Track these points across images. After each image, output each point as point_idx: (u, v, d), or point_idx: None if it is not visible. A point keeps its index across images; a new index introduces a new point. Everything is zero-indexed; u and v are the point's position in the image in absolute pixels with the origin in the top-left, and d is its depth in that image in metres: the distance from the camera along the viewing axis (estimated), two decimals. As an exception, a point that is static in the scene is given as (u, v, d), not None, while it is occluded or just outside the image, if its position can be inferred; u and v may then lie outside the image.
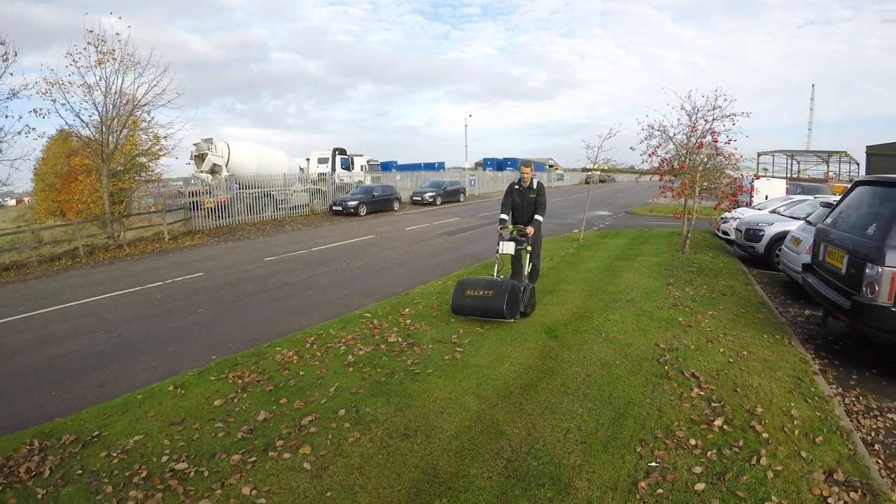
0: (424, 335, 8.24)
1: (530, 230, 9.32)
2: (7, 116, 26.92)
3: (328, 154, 38.32)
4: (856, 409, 5.82)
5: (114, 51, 22.95)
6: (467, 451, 4.62)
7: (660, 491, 3.95)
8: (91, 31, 22.62)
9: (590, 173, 42.11)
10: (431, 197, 38.90)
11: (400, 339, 8.07)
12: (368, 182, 38.76)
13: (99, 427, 5.95)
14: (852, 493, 3.99)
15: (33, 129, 23.05)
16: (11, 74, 38.70)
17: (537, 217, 9.56)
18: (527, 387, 5.92)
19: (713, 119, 15.03)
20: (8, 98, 21.42)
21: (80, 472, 4.98)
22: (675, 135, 15.95)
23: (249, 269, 16.01)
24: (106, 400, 6.81)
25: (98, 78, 23.00)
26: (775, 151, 51.00)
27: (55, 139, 31.20)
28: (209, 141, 30.04)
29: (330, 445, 4.95)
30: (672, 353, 6.85)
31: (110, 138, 23.68)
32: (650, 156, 16.12)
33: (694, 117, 15.39)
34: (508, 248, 9.04)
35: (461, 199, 42.87)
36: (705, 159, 15.68)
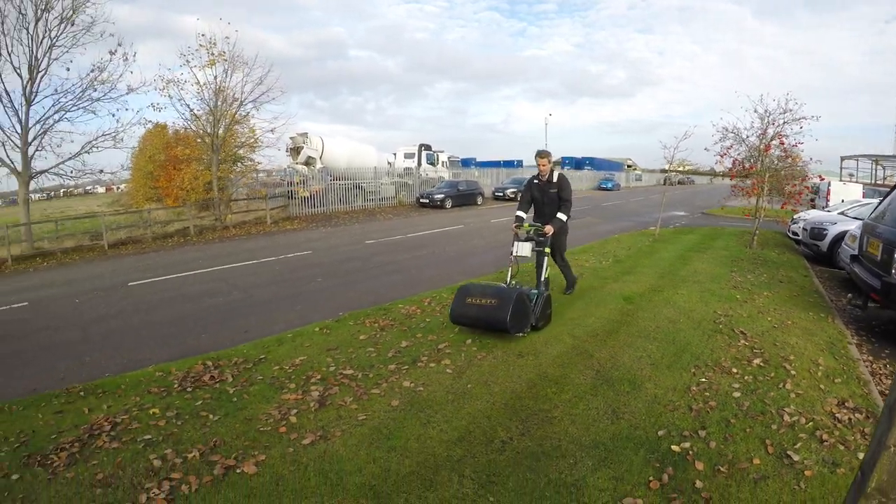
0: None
1: (549, 229, 7.86)
2: (126, 110, 29.04)
3: (414, 149, 39.30)
4: (881, 371, 6.34)
5: (223, 52, 24.71)
6: (567, 364, 5.93)
7: (706, 393, 5.12)
8: (203, 35, 24.63)
9: (668, 174, 41.55)
10: (513, 193, 39.34)
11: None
12: (448, 177, 39.48)
13: (262, 353, 7.04)
14: (857, 414, 4.77)
15: (150, 121, 25.00)
16: (131, 73, 41.47)
17: (559, 215, 8.13)
18: (609, 332, 7.09)
19: (783, 122, 15.18)
20: (126, 93, 23.93)
21: (260, 377, 6.16)
22: (747, 137, 16.13)
23: (353, 250, 16.96)
24: (253, 340, 7.78)
25: (211, 76, 24.89)
26: (859, 156, 48.96)
27: (151, 132, 33.09)
28: (304, 135, 31.26)
29: (463, 360, 6.25)
30: (727, 318, 7.72)
31: (220, 131, 25.44)
32: (722, 157, 16.34)
33: (766, 120, 15.52)
34: (524, 249, 7.67)
35: (540, 196, 42.83)
36: (775, 161, 15.81)
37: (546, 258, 7.90)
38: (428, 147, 39.91)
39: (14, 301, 12.23)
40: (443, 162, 41.36)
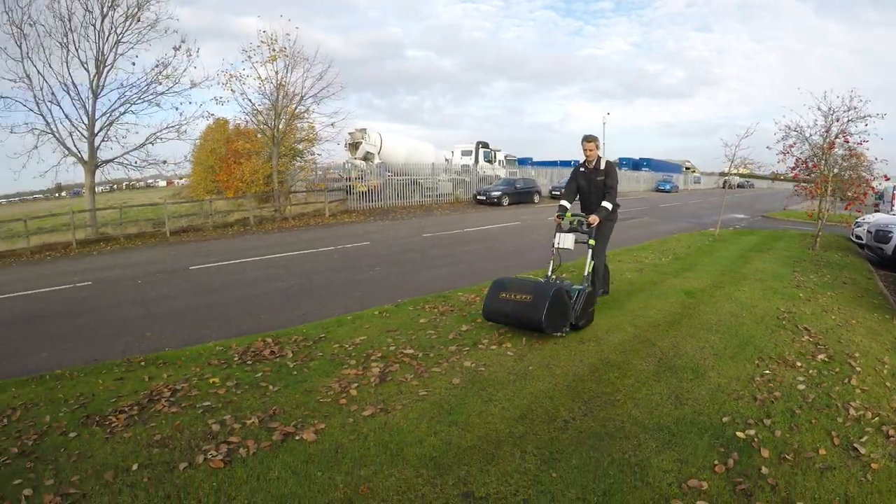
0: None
1: (594, 219, 7.09)
2: (190, 103, 30.13)
3: (471, 147, 39.08)
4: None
5: (284, 49, 25.09)
6: (629, 351, 5.80)
7: (770, 384, 4.96)
8: (264, 32, 25.16)
9: (727, 177, 40.36)
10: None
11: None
12: (505, 175, 39.15)
13: (322, 332, 6.97)
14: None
15: (212, 114, 25.52)
16: (195, 68, 42.92)
17: (605, 204, 7.33)
18: (670, 323, 6.87)
19: (847, 120, 14.49)
20: (189, 88, 24.57)
21: (320, 354, 6.12)
22: (810, 136, 15.49)
23: (411, 242, 16.90)
24: (312, 322, 7.72)
25: (272, 72, 25.29)
26: (927, 159, 46.93)
27: (212, 127, 33.92)
28: (363, 131, 31.43)
29: (524, 344, 6.11)
30: (790, 315, 7.42)
31: (280, 125, 25.89)
32: (784, 155, 15.72)
33: (829, 118, 14.87)
34: (566, 241, 7.10)
35: (598, 197, 42.26)
36: (839, 160, 15.16)
37: (591, 251, 7.19)
38: (485, 145, 39.67)
39: (78, 280, 12.53)
40: (499, 160, 41.08)
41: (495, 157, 39.93)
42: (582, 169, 7.66)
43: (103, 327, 8.31)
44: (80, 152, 22.93)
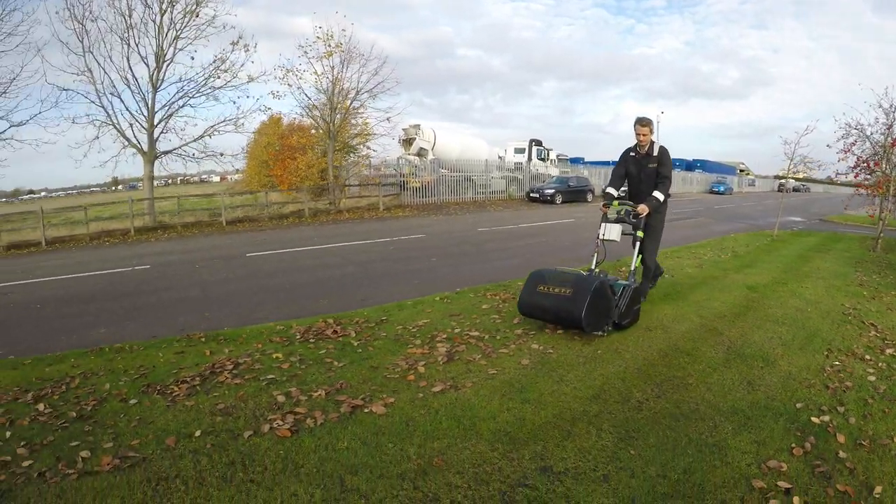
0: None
1: (642, 209, 6.46)
2: (247, 97, 30.69)
3: (524, 144, 38.64)
4: None
5: (340, 44, 25.25)
6: (697, 339, 5.67)
7: (841, 374, 4.83)
8: (320, 27, 25.93)
9: (782, 180, 39.09)
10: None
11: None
12: (557, 174, 38.62)
13: (384, 316, 6.77)
14: None
15: (269, 108, 25.88)
16: (252, 62, 43.61)
17: (656, 193, 6.63)
18: (736, 314, 6.71)
19: None
20: (247, 82, 25.31)
21: (383, 334, 5.92)
22: (871, 133, 14.77)
23: (466, 236, 16.67)
24: (371, 307, 7.51)
25: (328, 66, 25.51)
26: None
27: (265, 124, 34.39)
28: (417, 126, 31.35)
29: None
30: (855, 311, 7.20)
31: (336, 119, 26.05)
32: (845, 153, 15.03)
33: (892, 115, 14.15)
34: (612, 232, 6.51)
35: (649, 197, 41.52)
36: None
37: (638, 244, 6.58)
38: (539, 143, 39.20)
39: (137, 264, 12.74)
40: (552, 159, 40.59)
41: (548, 155, 39.45)
42: (632, 154, 6.93)
43: (162, 307, 8.29)
44: (139, 143, 23.51)
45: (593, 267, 6.37)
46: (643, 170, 6.85)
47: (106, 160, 24.75)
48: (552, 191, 31.91)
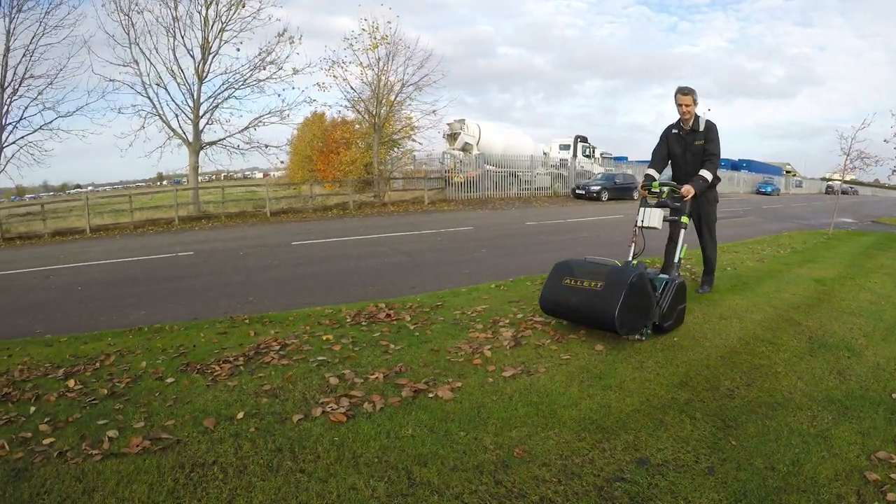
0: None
1: (687, 190, 5.54)
2: (293, 88, 30.82)
3: (570, 141, 37.99)
4: None
5: (386, 36, 25.15)
6: (775, 329, 5.17)
7: None
8: (365, 20, 25.91)
9: (830, 182, 38.03)
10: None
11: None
12: (601, 171, 37.90)
13: (439, 301, 6.31)
14: None
15: (314, 100, 25.94)
16: (297, 54, 43.97)
17: (703, 173, 5.70)
18: (809, 306, 6.20)
19: None
20: (292, 74, 24.78)
21: (441, 319, 5.47)
22: None
23: (514, 229, 16.23)
24: (423, 293, 7.09)
25: (374, 59, 25.40)
26: None
27: (308, 120, 34.46)
28: (461, 121, 31.00)
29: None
30: None
31: (382, 111, 25.93)
32: None
33: None
34: (653, 218, 5.48)
35: (695, 196, 40.53)
36: None
37: (683, 232, 5.60)
38: (584, 139, 38.47)
39: (180, 250, 12.62)
40: (596, 157, 39.89)
41: (593, 152, 38.73)
42: (675, 131, 6.03)
43: (204, 291, 8.02)
44: (184, 134, 23.68)
45: (630, 259, 5.40)
46: (688, 148, 5.94)
47: (151, 150, 25.08)
48: (598, 188, 31.23)
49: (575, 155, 36.54)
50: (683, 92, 5.75)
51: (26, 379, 4.05)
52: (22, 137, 22.29)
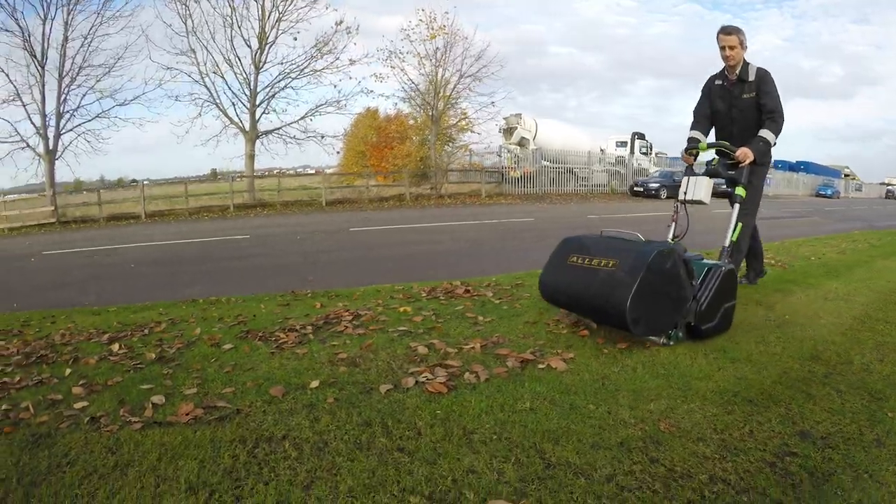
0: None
1: (744, 152, 4.20)
2: (350, 78, 30.98)
3: (626, 138, 37.11)
4: None
5: (444, 27, 24.83)
6: (885, 310, 4.59)
7: None
8: (423, 10, 25.06)
9: (890, 187, 36.44)
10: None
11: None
12: (655, 169, 36.94)
13: (518, 281, 5.76)
14: None
15: (371, 90, 25.97)
16: (354, 44, 44.17)
17: (764, 133, 4.33)
18: None
19: None
20: (349, 65, 24.73)
21: (526, 295, 4.98)
22: None
23: (576, 222, 15.66)
24: (495, 275, 6.54)
25: (431, 50, 25.12)
26: None
27: (361, 117, 34.63)
28: (518, 116, 30.42)
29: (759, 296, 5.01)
30: None
31: (439, 104, 25.67)
32: None
33: None
34: (699, 189, 4.30)
35: (753, 197, 39.32)
36: None
37: (739, 207, 4.26)
38: (641, 136, 37.45)
39: (236, 234, 12.47)
40: (652, 156, 38.91)
41: (650, 149, 37.76)
42: (718, 82, 4.59)
43: (262, 269, 7.73)
44: (241, 122, 23.73)
45: (670, 239, 4.27)
46: (735, 103, 4.50)
47: (207, 139, 25.14)
48: (657, 185, 30.23)
49: (632, 152, 35.64)
50: (726, 31, 4.34)
51: (67, 343, 3.62)
52: (79, 125, 22.67)
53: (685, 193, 4.35)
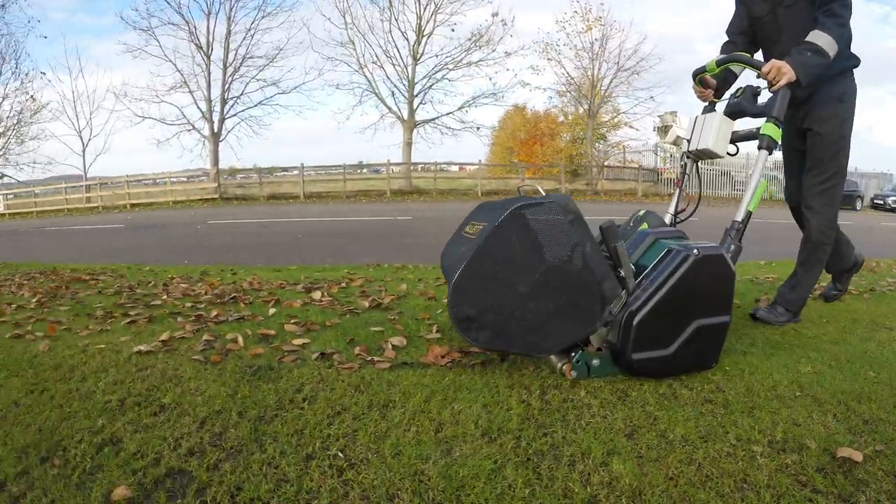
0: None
1: (777, 70, 2.31)
2: (507, 70, 30.98)
3: (795, 143, 34.90)
4: None
5: (600, 18, 24.08)
6: None
7: None
8: (577, 1, 25.57)
9: None
10: (894, 202, 32.67)
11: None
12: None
13: None
14: None
15: (527, 83, 26.64)
16: (511, 37, 44.32)
17: (814, 37, 2.36)
18: None
19: None
20: (505, 56, 24.69)
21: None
22: None
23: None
24: None
25: (587, 42, 24.46)
26: None
27: (509, 113, 34.76)
28: (674, 113, 28.66)
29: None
30: None
31: (596, 100, 25.00)
32: None
33: None
34: (707, 132, 2.87)
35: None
36: None
37: (764, 154, 2.52)
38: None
39: (399, 216, 12.67)
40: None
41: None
42: None
43: (438, 247, 7.38)
44: (399, 111, 24.33)
45: (671, 212, 2.82)
46: (779, 4, 2.67)
47: (365, 127, 26.36)
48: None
49: (796, 160, 33.51)
50: None
51: (257, 289, 3.44)
52: (243, 111, 24.47)
53: (688, 142, 2.99)
